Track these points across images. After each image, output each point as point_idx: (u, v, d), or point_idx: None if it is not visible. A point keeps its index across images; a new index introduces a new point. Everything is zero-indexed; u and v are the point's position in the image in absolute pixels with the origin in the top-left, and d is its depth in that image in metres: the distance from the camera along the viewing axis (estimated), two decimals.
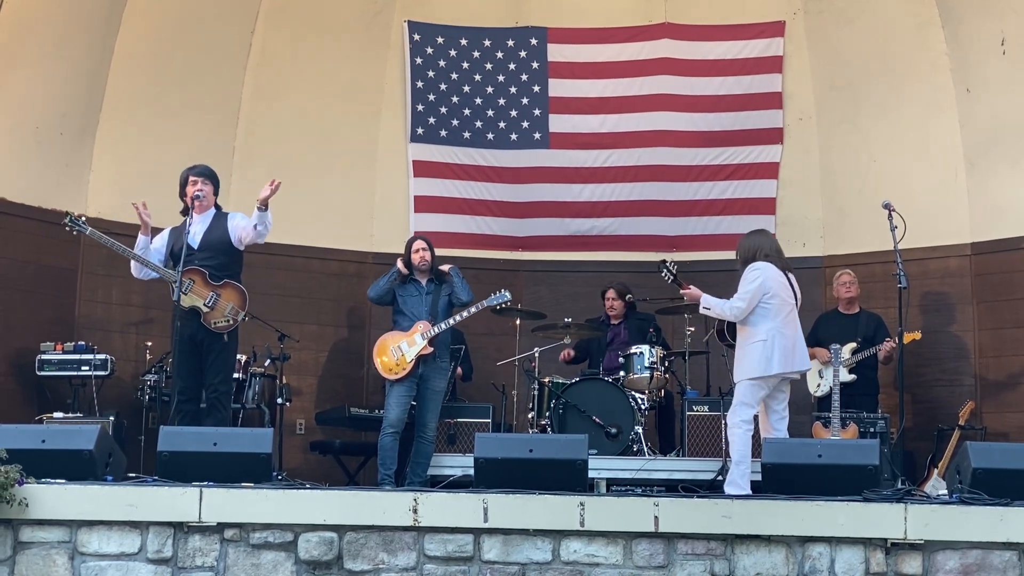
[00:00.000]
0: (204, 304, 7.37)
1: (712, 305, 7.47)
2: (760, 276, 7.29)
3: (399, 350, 8.04)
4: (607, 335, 9.37)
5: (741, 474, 7.11)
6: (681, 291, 7.76)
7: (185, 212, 7.48)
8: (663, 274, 8.02)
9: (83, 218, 7.53)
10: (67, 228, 7.47)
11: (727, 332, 7.63)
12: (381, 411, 8.29)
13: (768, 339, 7.22)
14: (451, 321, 8.17)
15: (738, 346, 7.45)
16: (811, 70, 10.17)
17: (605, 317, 9.48)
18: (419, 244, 8.33)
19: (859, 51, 9.93)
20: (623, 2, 10.50)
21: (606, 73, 10.47)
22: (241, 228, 7.50)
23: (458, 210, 10.45)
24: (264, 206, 7.39)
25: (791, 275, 7.47)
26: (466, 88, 10.51)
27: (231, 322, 7.45)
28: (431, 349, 8.03)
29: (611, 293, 9.43)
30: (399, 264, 8.33)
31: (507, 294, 8.40)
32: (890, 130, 9.82)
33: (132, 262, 7.54)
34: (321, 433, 9.58)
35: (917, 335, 8.65)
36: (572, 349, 9.42)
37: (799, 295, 7.50)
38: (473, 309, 8.25)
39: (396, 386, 8.03)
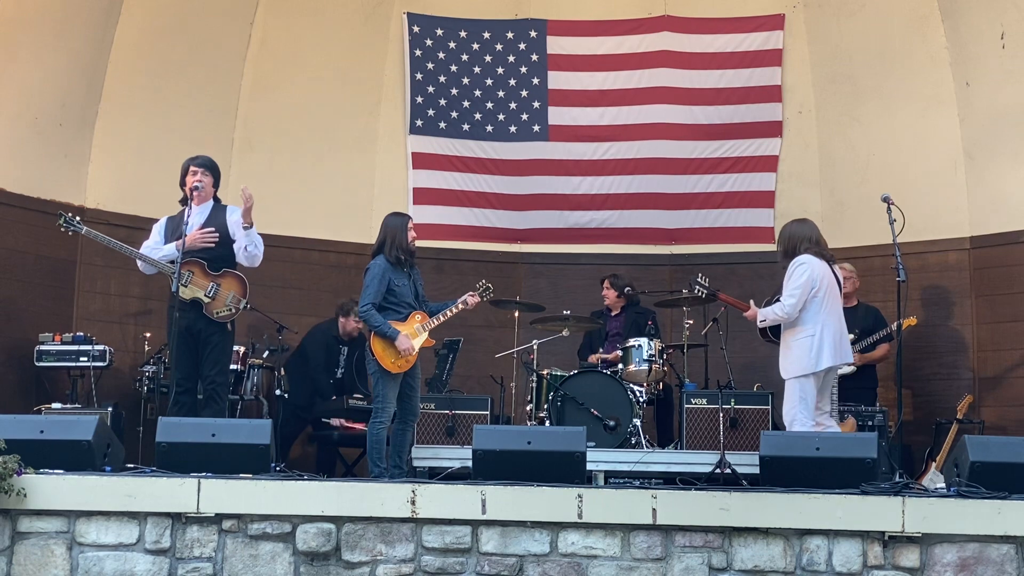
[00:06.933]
0: (205, 295, 7.35)
1: (767, 315, 7.42)
2: (807, 270, 7.29)
3: None
4: (607, 327, 9.40)
5: None
6: (744, 313, 7.66)
7: (184, 202, 7.43)
8: (696, 291, 8.04)
9: (77, 217, 7.51)
10: (62, 229, 7.45)
11: (768, 330, 7.59)
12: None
13: (816, 334, 7.22)
14: (448, 313, 7.94)
15: (784, 342, 7.39)
16: (811, 63, 10.17)
17: (606, 309, 9.51)
18: (411, 222, 7.79)
19: (859, 45, 9.92)
20: None
21: (606, 66, 10.48)
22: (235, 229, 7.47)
23: (457, 202, 10.45)
24: (248, 224, 7.35)
25: (834, 265, 7.48)
26: (465, 80, 10.50)
27: (233, 311, 7.42)
28: (433, 341, 7.94)
29: (606, 283, 9.47)
30: (387, 255, 7.60)
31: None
32: (889, 124, 9.82)
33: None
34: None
35: (913, 320, 8.67)
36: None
37: (842, 283, 7.50)
38: (461, 305, 8.01)
39: (393, 379, 7.77)
